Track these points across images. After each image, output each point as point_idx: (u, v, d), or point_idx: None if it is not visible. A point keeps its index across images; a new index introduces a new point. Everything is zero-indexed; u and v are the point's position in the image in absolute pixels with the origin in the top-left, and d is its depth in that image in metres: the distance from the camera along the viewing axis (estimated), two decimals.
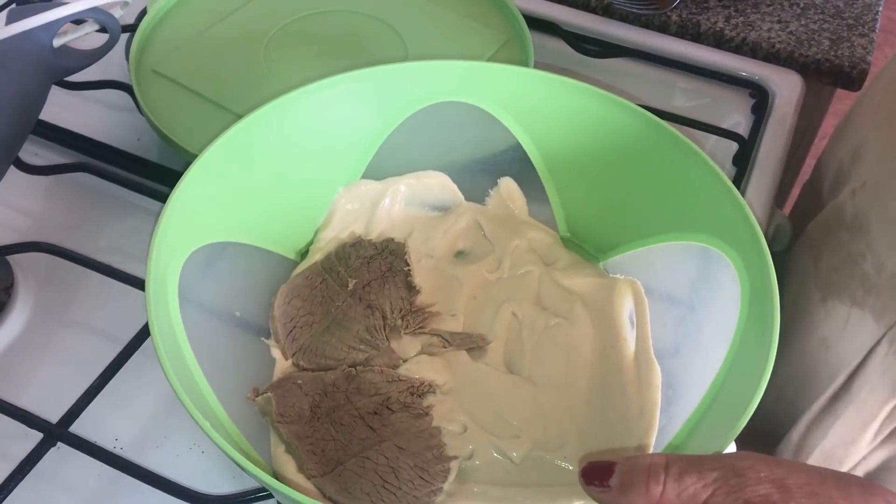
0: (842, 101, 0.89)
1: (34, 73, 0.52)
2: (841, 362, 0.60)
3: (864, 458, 0.61)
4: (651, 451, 0.43)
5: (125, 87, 0.68)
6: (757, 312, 0.42)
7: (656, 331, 0.48)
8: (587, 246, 0.55)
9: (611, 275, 0.52)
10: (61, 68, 0.55)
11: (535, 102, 0.53)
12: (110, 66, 0.68)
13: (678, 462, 0.34)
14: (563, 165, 0.54)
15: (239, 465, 0.35)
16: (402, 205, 0.55)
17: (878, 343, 0.57)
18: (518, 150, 0.54)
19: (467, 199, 0.56)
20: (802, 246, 0.66)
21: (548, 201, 0.55)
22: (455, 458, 0.42)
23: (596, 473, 0.36)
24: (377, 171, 0.55)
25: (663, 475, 0.33)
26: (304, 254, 0.53)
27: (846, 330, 0.59)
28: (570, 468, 0.43)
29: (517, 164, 0.55)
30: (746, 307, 0.43)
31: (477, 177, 0.56)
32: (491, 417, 0.44)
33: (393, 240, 0.52)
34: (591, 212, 0.54)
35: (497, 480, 0.42)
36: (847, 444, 0.60)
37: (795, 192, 0.93)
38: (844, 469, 0.61)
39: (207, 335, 0.44)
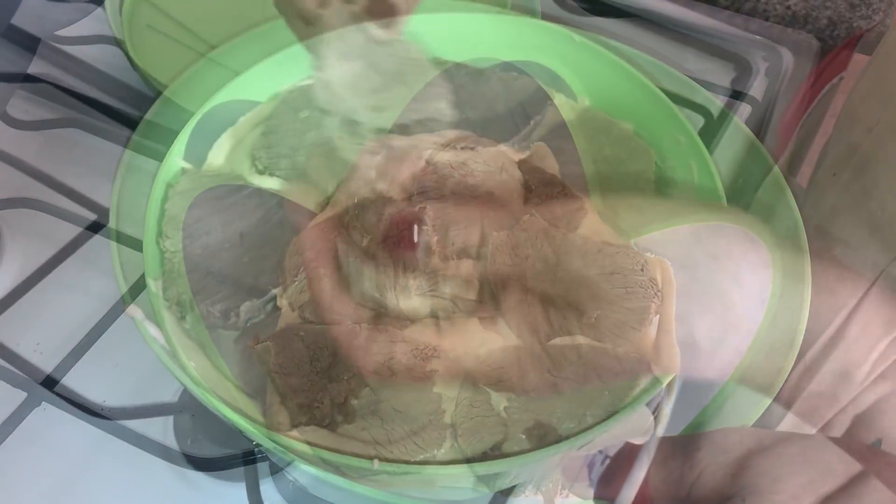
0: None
1: None
2: (840, 307, 0.59)
3: (854, 399, 0.61)
4: None
5: (118, 43, 0.70)
6: (788, 291, 0.45)
7: (678, 314, 0.49)
8: (619, 220, 0.55)
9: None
10: None
11: (592, 76, 0.56)
12: (103, 21, 0.71)
13: (661, 447, 0.35)
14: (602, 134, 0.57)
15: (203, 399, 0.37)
16: None
17: (874, 281, 0.58)
18: (556, 115, 0.57)
19: None
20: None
21: (581, 170, 0.57)
22: (452, 426, 0.44)
23: None
24: (407, 125, 0.56)
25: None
26: (323, 205, 0.54)
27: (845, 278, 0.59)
28: None
29: (554, 131, 0.57)
30: (779, 286, 0.46)
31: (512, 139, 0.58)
32: None
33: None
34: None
35: None
36: (835, 385, 0.60)
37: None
38: (830, 415, 0.61)
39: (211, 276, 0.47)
